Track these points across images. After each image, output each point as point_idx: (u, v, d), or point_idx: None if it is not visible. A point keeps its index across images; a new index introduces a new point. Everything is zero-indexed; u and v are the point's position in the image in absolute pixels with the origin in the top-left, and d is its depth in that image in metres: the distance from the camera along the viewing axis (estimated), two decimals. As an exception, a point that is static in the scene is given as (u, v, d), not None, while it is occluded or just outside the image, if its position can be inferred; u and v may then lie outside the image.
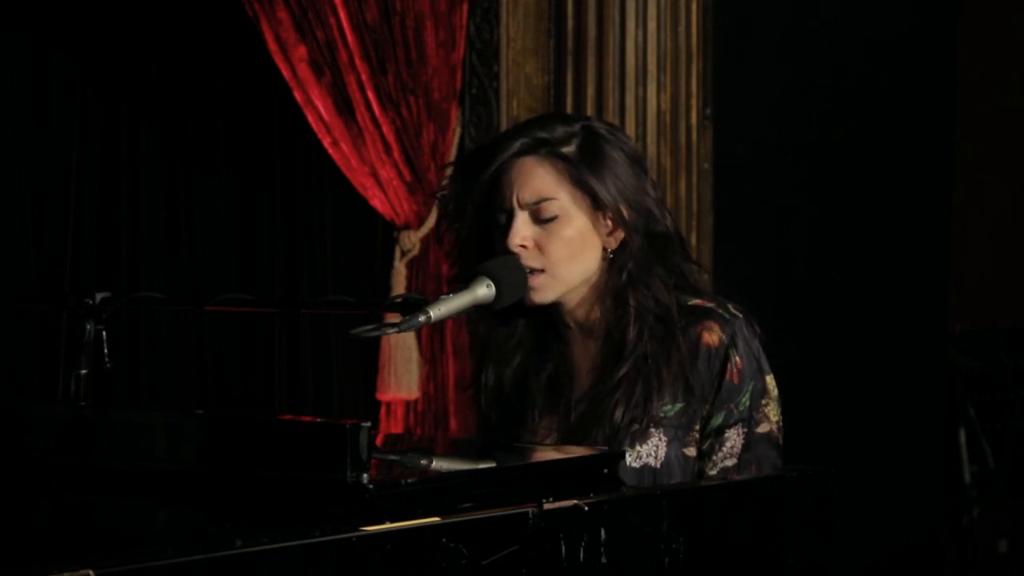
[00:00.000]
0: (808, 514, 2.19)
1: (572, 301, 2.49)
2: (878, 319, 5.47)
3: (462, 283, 2.41)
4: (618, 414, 2.41)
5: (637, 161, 2.50)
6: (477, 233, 2.51)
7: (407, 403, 4.53)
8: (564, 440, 2.48)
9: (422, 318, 2.31)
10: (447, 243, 2.62)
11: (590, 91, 4.56)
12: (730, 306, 2.50)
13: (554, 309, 2.50)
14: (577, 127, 2.47)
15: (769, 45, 5.10)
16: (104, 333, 2.37)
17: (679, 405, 2.44)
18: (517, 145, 2.46)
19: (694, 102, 4.69)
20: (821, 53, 5.26)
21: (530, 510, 1.86)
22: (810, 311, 5.24)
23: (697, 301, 2.48)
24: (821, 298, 5.29)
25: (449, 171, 2.63)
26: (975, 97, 6.08)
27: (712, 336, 2.44)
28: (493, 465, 2.26)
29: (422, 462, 2.18)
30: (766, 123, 5.10)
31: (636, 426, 2.41)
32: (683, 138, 4.67)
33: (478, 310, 2.43)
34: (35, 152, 4.44)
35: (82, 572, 1.51)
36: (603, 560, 1.90)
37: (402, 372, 4.47)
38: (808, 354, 5.17)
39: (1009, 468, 6.18)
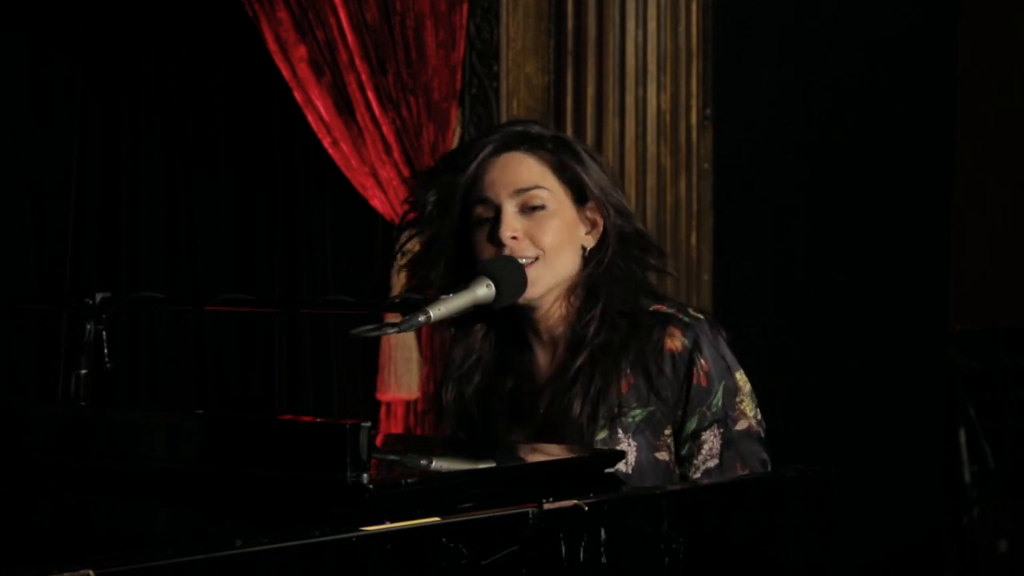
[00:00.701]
0: (808, 514, 2.19)
1: (547, 302, 2.48)
2: (878, 319, 5.47)
3: (462, 283, 2.41)
4: (576, 406, 2.42)
5: (608, 170, 2.53)
6: (450, 237, 2.50)
7: (407, 403, 4.53)
8: (534, 441, 2.48)
9: (422, 318, 2.31)
10: (411, 252, 2.60)
11: (590, 91, 4.56)
12: (690, 310, 2.49)
13: (523, 316, 2.50)
14: (549, 133, 2.51)
15: (769, 45, 5.10)
16: (104, 333, 2.37)
17: (646, 409, 2.44)
18: (497, 142, 2.46)
19: (694, 102, 4.69)
20: (821, 53, 5.26)
21: (530, 510, 1.85)
22: (810, 311, 5.24)
23: (657, 307, 2.48)
24: (821, 298, 5.29)
25: (420, 177, 2.62)
26: (975, 97, 6.08)
27: (675, 342, 2.44)
28: (493, 465, 2.26)
29: (422, 462, 2.18)
30: (766, 123, 5.10)
31: (598, 420, 2.41)
32: (683, 138, 4.67)
33: (460, 316, 2.43)
34: (35, 152, 4.44)
35: (82, 572, 1.51)
36: (603, 560, 1.90)
37: (402, 372, 4.47)
38: (808, 354, 5.17)
39: (1009, 468, 6.18)
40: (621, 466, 2.40)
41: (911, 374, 5.60)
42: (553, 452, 2.33)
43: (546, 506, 1.87)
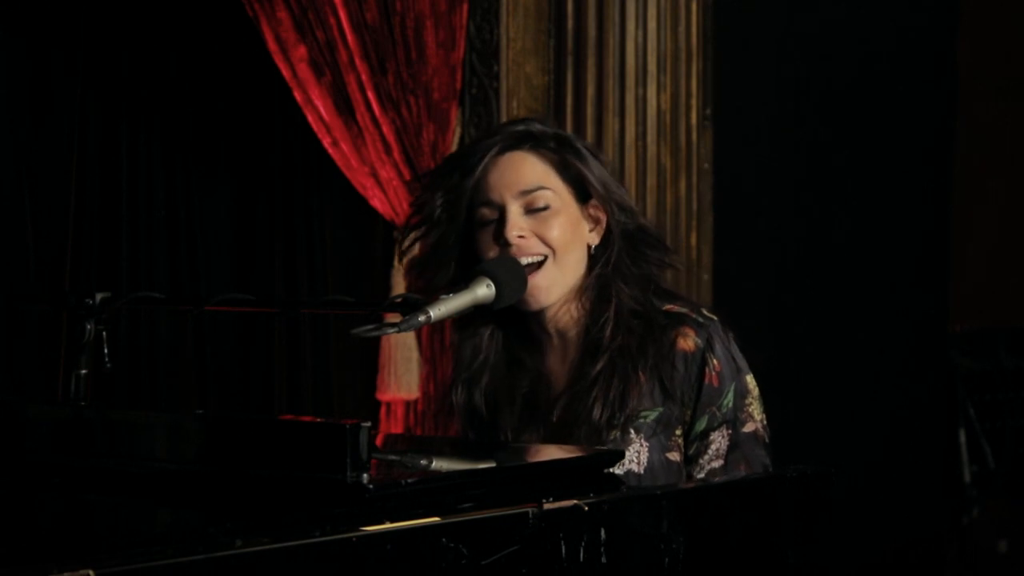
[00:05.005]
0: (808, 514, 2.19)
1: (557, 304, 2.48)
2: (878, 319, 5.47)
3: (462, 283, 2.41)
4: (596, 411, 2.41)
5: (609, 167, 2.54)
6: (457, 239, 2.50)
7: (407, 403, 4.53)
8: (547, 443, 2.48)
9: (422, 318, 2.30)
10: (415, 254, 2.60)
11: (590, 91, 4.56)
12: (703, 310, 2.49)
13: (533, 317, 2.50)
14: (551, 130, 2.51)
15: (769, 45, 5.10)
16: (104, 333, 2.37)
17: (658, 410, 2.43)
18: (500, 143, 2.46)
19: (694, 102, 4.69)
20: (821, 53, 5.26)
21: (530, 510, 1.85)
22: (810, 311, 5.24)
23: (670, 306, 2.48)
24: (821, 298, 5.29)
25: (425, 180, 2.62)
26: (975, 97, 6.08)
27: (687, 341, 2.44)
28: (493, 465, 2.26)
29: (422, 462, 2.18)
30: (766, 123, 5.10)
31: (615, 423, 2.41)
32: (683, 138, 4.67)
33: (462, 317, 2.43)
34: (35, 152, 4.44)
35: (82, 572, 1.51)
36: (603, 560, 1.90)
37: (402, 372, 4.47)
38: (808, 354, 5.17)
39: (1009, 468, 6.18)
40: (633, 467, 2.40)
41: (911, 374, 5.60)
42: (553, 452, 2.33)
43: (546, 506, 1.87)
